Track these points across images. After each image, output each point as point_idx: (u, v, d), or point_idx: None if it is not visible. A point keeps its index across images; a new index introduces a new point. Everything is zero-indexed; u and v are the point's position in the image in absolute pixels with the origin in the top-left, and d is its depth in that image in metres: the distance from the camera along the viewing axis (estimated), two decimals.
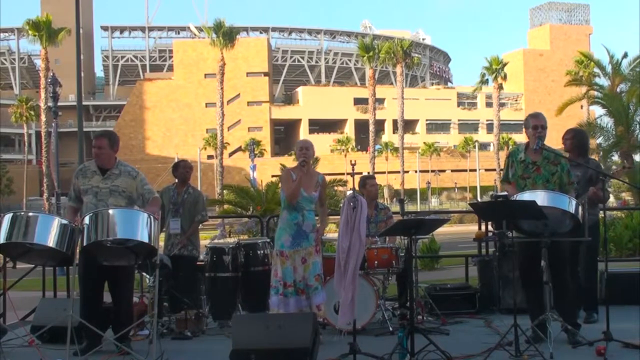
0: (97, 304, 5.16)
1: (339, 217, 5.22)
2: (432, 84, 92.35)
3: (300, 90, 79.74)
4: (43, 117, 45.36)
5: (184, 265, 6.41)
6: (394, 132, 69.73)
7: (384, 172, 60.19)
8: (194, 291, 6.39)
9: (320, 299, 5.33)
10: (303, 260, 5.31)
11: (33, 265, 6.38)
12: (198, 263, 6.63)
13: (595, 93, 26.10)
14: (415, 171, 65.38)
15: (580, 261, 5.89)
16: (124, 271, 5.13)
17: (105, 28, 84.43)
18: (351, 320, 4.66)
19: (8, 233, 4.65)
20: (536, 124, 5.15)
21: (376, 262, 5.95)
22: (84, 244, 4.64)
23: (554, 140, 6.14)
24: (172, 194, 6.68)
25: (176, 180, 6.83)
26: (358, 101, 75.16)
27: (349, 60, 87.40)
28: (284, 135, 79.49)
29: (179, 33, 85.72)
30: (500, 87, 60.90)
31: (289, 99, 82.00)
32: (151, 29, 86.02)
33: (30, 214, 4.84)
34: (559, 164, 5.14)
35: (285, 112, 77.64)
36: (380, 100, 69.22)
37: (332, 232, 12.79)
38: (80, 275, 4.68)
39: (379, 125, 66.96)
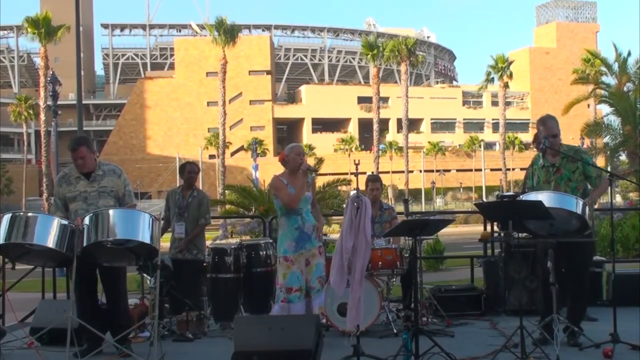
0: (96, 305, 5.12)
1: (342, 217, 5.15)
2: (437, 82, 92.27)
3: (303, 88, 79.72)
4: (42, 116, 45.36)
5: (186, 270, 6.32)
6: (398, 132, 69.63)
7: (388, 172, 60.10)
8: (199, 295, 6.34)
9: (319, 302, 5.25)
10: (307, 262, 5.26)
11: (32, 266, 6.34)
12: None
13: (602, 92, 25.98)
14: (420, 171, 65.30)
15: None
16: (118, 271, 5.09)
17: (105, 26, 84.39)
18: (360, 322, 4.62)
19: (7, 234, 4.62)
20: (546, 135, 5.08)
21: (380, 263, 5.89)
22: (84, 244, 4.59)
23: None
24: (178, 197, 6.62)
25: (182, 183, 6.78)
26: (362, 100, 75.07)
27: (353, 59, 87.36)
28: (287, 134, 79.51)
29: (180, 31, 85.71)
30: (506, 85, 60.76)
31: (292, 98, 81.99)
32: (152, 26, 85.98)
33: (30, 214, 4.81)
34: (579, 159, 5.10)
35: (288, 111, 77.63)
36: (385, 99, 69.18)
37: (335, 233, 12.72)
38: (78, 277, 4.62)
39: (383, 124, 66.93)
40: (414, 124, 71.87)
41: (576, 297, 5.08)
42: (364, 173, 6.21)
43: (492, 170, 65.88)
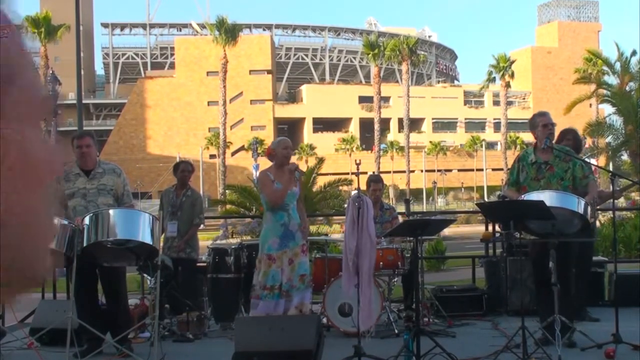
0: (96, 306, 5.11)
1: (344, 217, 5.13)
2: (439, 81, 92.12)
3: (304, 88, 79.64)
4: None
5: (182, 268, 6.34)
6: (399, 131, 69.52)
7: (389, 172, 60.03)
8: (194, 293, 6.33)
9: (299, 300, 5.19)
10: (290, 261, 5.22)
11: None
12: (199, 265, 6.56)
13: (604, 91, 25.95)
14: (421, 171, 65.21)
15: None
16: (118, 271, 5.08)
17: (105, 25, 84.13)
18: (373, 323, 4.59)
19: None
20: (546, 123, 5.11)
21: (381, 263, 5.86)
22: (84, 244, 4.57)
23: None
24: (171, 196, 6.61)
25: (176, 182, 6.76)
26: (363, 99, 74.94)
27: (354, 58, 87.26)
28: (288, 134, 79.15)
29: (180, 30, 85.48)
30: (508, 85, 60.68)
31: (293, 97, 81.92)
32: (152, 26, 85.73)
33: None
34: (571, 160, 5.09)
35: (288, 111, 77.55)
36: (386, 99, 69.05)
37: (336, 233, 12.70)
38: (78, 277, 4.60)
39: (385, 124, 66.82)
40: (415, 124, 71.73)
41: (567, 294, 5.05)
42: (365, 173, 6.20)
43: (493, 170, 65.79)
